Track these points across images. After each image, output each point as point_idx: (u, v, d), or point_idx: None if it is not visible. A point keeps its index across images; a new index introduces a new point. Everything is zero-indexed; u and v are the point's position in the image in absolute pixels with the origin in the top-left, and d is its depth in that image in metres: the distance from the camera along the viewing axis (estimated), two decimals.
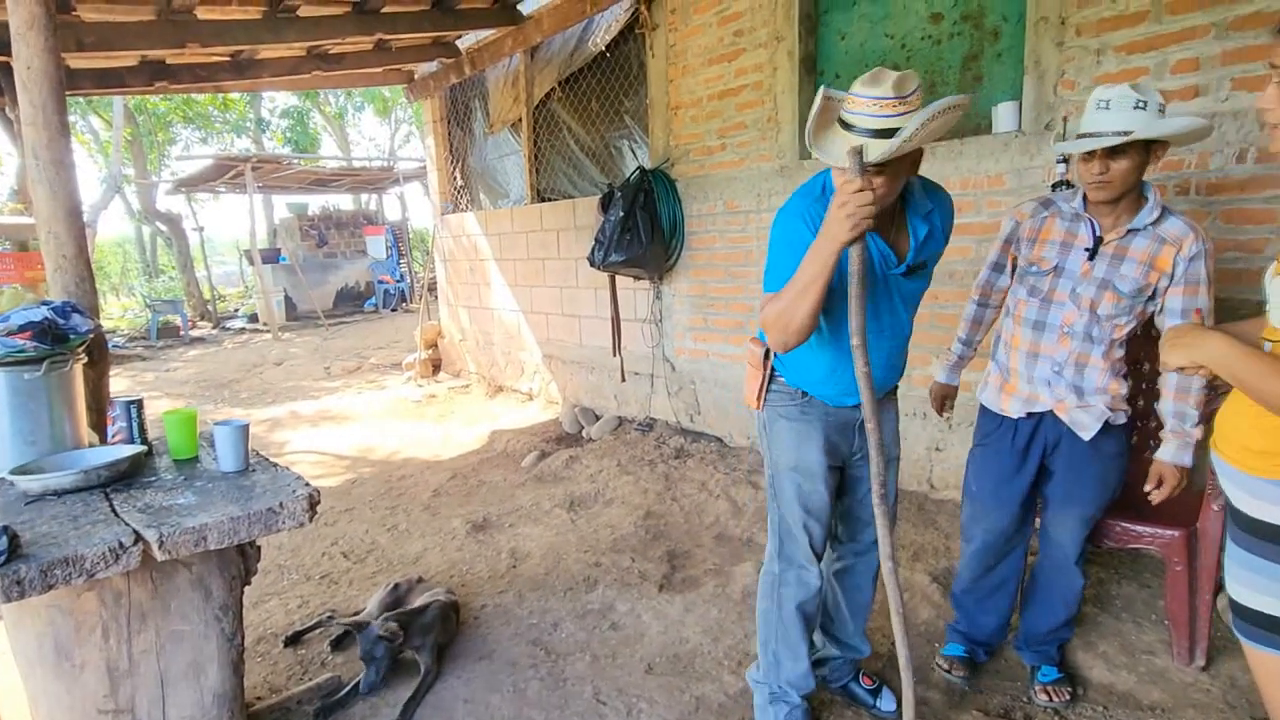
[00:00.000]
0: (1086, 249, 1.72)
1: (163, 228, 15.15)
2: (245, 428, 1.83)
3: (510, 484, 3.89)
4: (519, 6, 4.88)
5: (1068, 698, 1.90)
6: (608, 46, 4.49)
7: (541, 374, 5.55)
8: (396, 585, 2.54)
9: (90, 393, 2.11)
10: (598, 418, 4.76)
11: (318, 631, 2.45)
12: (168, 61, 5.01)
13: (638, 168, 4.17)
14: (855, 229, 1.32)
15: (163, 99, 14.22)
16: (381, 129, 24.30)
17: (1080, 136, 1.64)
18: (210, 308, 13.93)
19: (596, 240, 4.07)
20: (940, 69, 3.06)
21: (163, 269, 20.39)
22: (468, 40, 5.61)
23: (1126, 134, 1.56)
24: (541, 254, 5.30)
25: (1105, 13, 2.45)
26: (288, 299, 12.74)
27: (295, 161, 12.58)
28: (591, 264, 4.14)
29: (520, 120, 5.39)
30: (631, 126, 4.59)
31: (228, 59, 5.16)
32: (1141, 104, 1.57)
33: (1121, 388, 1.78)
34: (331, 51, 5.35)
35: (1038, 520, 2.01)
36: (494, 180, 6.08)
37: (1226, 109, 2.24)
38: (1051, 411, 1.81)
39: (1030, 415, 1.84)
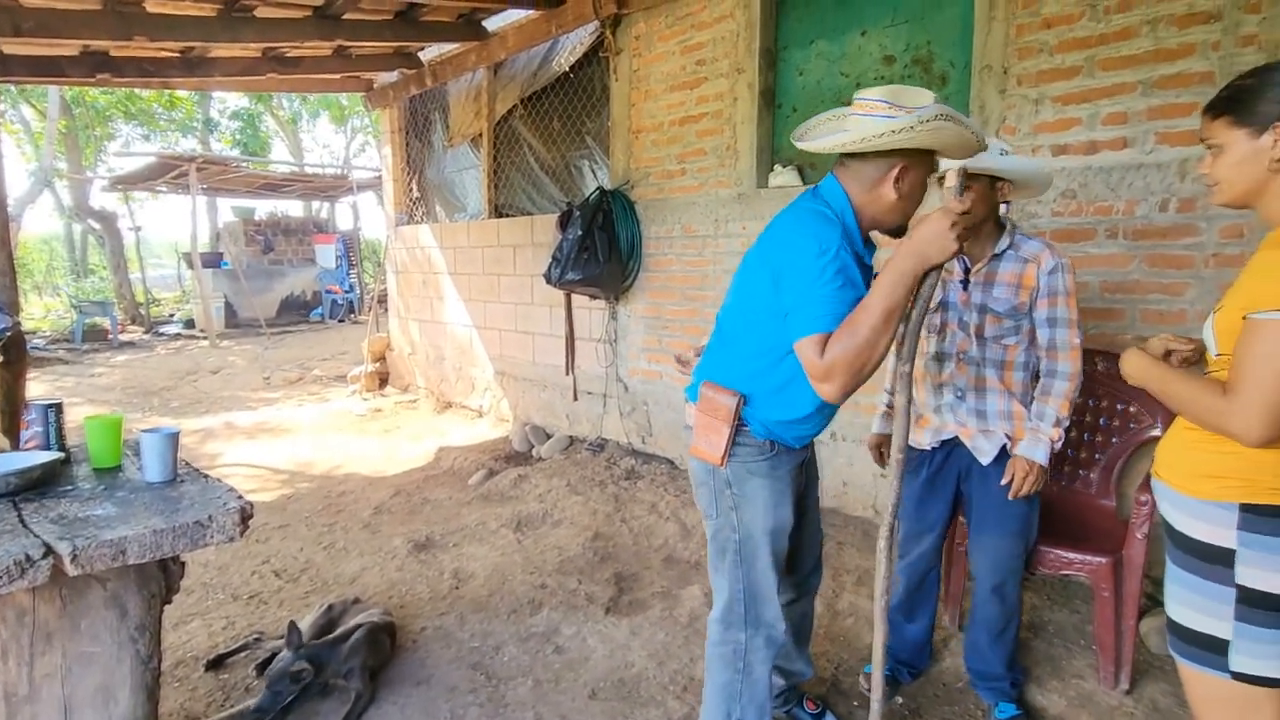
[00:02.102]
0: (961, 280, 1.90)
1: (95, 226, 14.42)
2: (174, 436, 1.74)
3: (456, 502, 3.79)
4: (484, 23, 4.89)
5: None
6: (572, 67, 4.53)
7: (493, 391, 5.46)
8: (331, 606, 2.43)
9: (4, 394, 1.98)
10: (549, 436, 4.71)
11: (243, 654, 2.32)
12: (112, 53, 4.82)
13: (597, 188, 4.19)
14: (954, 250, 1.31)
15: (103, 92, 13.63)
16: (337, 137, 23.84)
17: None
18: (143, 311, 13.28)
19: (554, 258, 4.06)
20: None
21: (92, 269, 19.36)
22: (430, 52, 5.57)
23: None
24: (497, 269, 5.25)
25: (1044, 65, 2.60)
26: (228, 305, 12.26)
27: (244, 164, 12.19)
28: (548, 281, 4.12)
29: (481, 135, 5.37)
30: (593, 147, 4.62)
31: (177, 55, 5.00)
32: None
33: (1025, 413, 1.88)
34: (288, 54, 5.24)
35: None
36: (451, 193, 6.02)
37: (1151, 161, 2.40)
38: (959, 438, 1.93)
39: (943, 444, 1.96)
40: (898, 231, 1.54)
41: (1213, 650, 1.16)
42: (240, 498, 1.59)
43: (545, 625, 2.50)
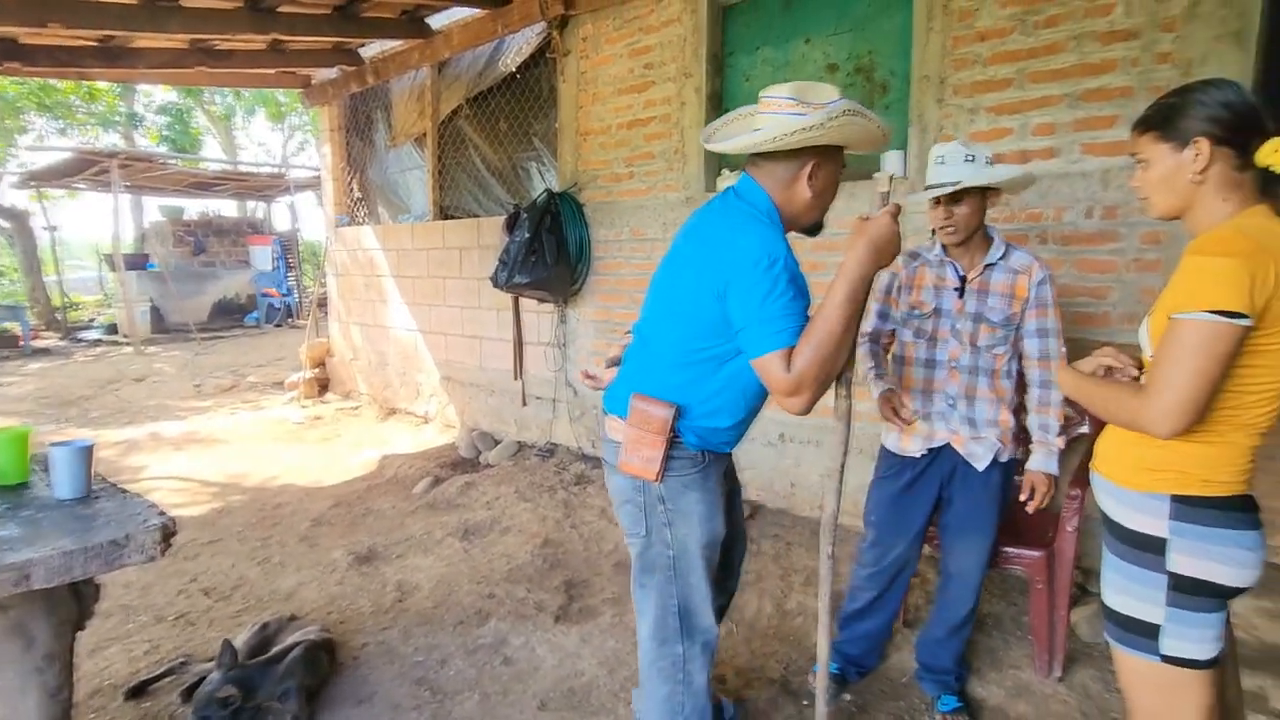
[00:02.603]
0: (955, 288, 1.92)
1: (4, 225, 13.48)
2: (88, 449, 1.62)
3: (400, 512, 3.68)
4: (428, 20, 4.78)
5: None
6: (519, 68, 4.47)
7: (439, 396, 5.33)
8: (265, 624, 2.32)
9: None
10: (497, 442, 4.62)
11: (168, 680, 2.18)
12: (22, 41, 4.50)
13: (545, 190, 4.14)
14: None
15: (14, 82, 12.77)
16: (274, 134, 22.94)
17: (927, 188, 1.86)
18: (59, 316, 12.47)
19: (501, 261, 3.99)
20: None
21: (1, 271, 18.10)
22: (372, 49, 5.42)
23: (956, 183, 1.78)
24: (443, 272, 5.14)
25: (978, 76, 2.69)
26: (155, 310, 11.62)
27: (172, 161, 11.60)
28: (495, 284, 4.05)
29: (425, 135, 5.25)
30: (540, 149, 4.58)
31: (95, 44, 4.71)
32: (970, 157, 1.80)
33: (1010, 420, 1.92)
34: (219, 47, 5.00)
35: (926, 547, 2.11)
36: (394, 194, 5.86)
37: (1077, 170, 2.51)
38: (949, 444, 1.94)
39: (930, 451, 1.97)
40: (814, 230, 1.56)
41: (1145, 635, 1.22)
42: (162, 514, 1.50)
43: (493, 636, 2.44)
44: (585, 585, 2.82)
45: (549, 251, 3.92)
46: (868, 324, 2.13)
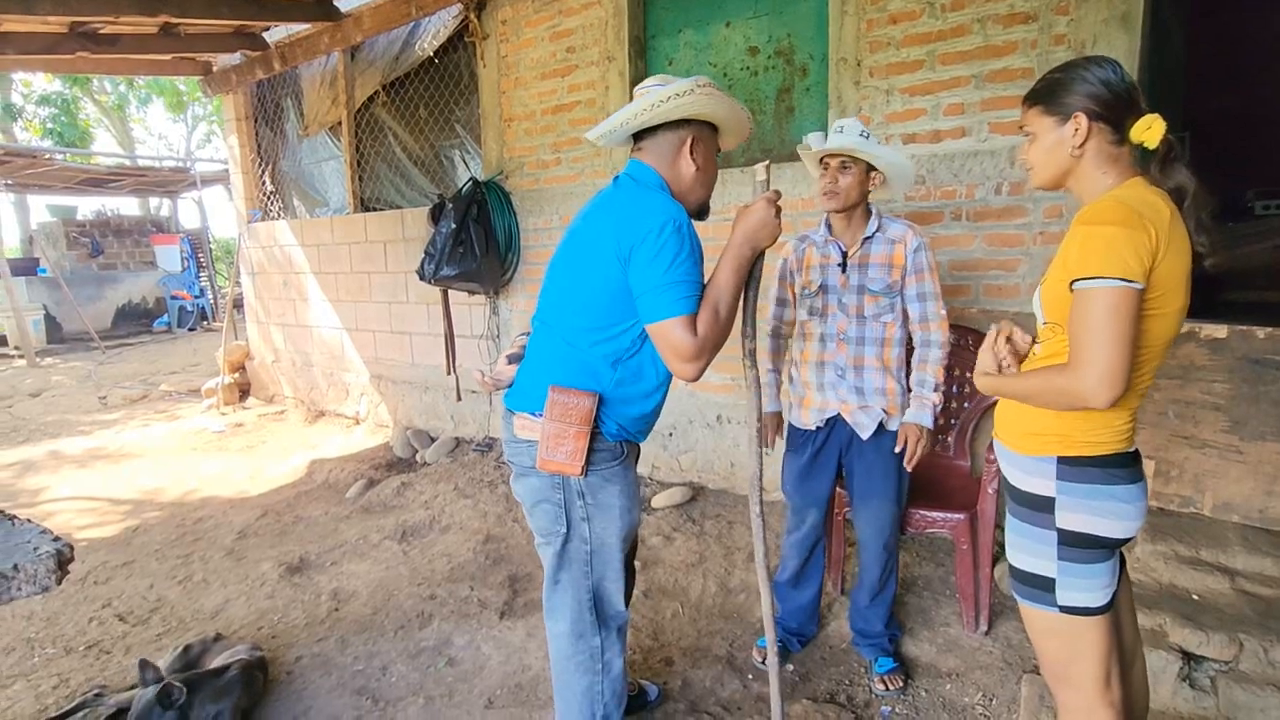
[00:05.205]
0: (839, 264, 2.03)
1: None
2: None
3: (333, 518, 3.54)
4: (336, 2, 4.54)
5: (901, 684, 2.06)
6: (437, 52, 4.32)
7: (369, 396, 5.15)
8: (188, 647, 2.19)
9: None
10: (433, 440, 4.51)
11: (82, 714, 2.03)
12: None
13: (470, 179, 4.03)
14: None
15: None
16: (175, 126, 21.48)
17: (820, 156, 1.97)
18: None
19: (427, 253, 3.87)
20: (758, 98, 3.29)
21: None
22: (277, 33, 5.12)
23: (846, 148, 1.89)
24: (367, 267, 4.94)
25: (891, 59, 2.77)
26: (50, 318, 10.78)
27: (58, 156, 10.71)
28: (421, 278, 3.92)
29: (340, 123, 5.01)
30: (463, 136, 4.44)
31: None
32: (865, 134, 1.92)
33: (897, 388, 2.02)
34: (103, 31, 4.62)
35: (845, 513, 2.20)
36: (310, 187, 5.59)
37: (986, 148, 2.62)
38: (840, 415, 2.03)
39: (826, 422, 2.06)
40: (702, 213, 1.60)
41: (1043, 589, 1.29)
42: (56, 539, 1.38)
43: (436, 638, 2.38)
44: (530, 579, 2.79)
45: (477, 242, 3.82)
46: (768, 316, 2.20)
